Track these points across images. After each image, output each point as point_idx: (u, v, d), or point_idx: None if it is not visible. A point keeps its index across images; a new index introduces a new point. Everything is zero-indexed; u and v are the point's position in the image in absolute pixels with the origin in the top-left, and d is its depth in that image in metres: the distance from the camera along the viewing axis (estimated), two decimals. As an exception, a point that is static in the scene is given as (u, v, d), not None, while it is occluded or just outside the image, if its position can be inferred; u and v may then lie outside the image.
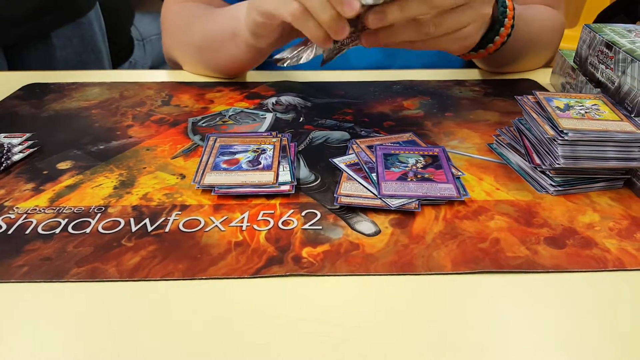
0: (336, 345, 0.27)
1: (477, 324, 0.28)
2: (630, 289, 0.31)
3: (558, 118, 0.40)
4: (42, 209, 0.38)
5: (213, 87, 0.62)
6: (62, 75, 0.68)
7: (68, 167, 0.44)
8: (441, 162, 0.43)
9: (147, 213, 0.37)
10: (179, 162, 0.45)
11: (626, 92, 0.44)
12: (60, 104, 0.58)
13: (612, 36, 0.48)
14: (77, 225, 0.36)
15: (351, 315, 0.29)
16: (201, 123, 0.53)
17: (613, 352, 0.27)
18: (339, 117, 0.54)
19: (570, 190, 0.40)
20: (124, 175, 0.43)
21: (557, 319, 0.29)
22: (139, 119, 0.54)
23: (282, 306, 0.30)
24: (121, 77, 0.66)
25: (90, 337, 0.27)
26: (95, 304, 0.30)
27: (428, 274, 0.32)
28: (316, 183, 0.41)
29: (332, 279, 0.31)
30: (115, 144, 0.48)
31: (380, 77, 0.65)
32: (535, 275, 0.32)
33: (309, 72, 0.68)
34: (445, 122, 0.53)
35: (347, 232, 0.35)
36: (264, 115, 0.54)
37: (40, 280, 0.31)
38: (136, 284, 0.31)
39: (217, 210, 0.38)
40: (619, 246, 0.34)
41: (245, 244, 0.34)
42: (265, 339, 0.27)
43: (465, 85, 0.63)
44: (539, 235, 0.35)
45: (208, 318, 0.29)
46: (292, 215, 0.37)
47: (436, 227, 0.36)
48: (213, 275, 0.31)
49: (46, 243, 0.34)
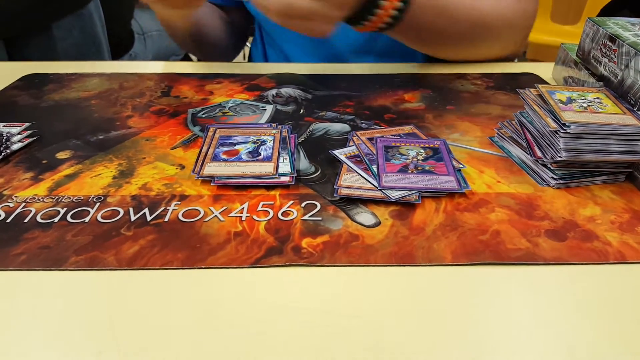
0: (335, 335, 0.27)
1: (477, 315, 0.28)
2: (631, 282, 0.31)
3: (560, 111, 0.40)
4: (41, 197, 0.38)
5: (213, 79, 0.62)
6: (61, 66, 0.67)
7: (67, 156, 0.44)
8: (442, 154, 0.43)
9: (146, 203, 0.37)
10: (179, 153, 0.45)
11: (629, 85, 0.43)
12: (59, 94, 0.57)
13: (616, 29, 0.48)
14: (76, 214, 0.36)
15: (350, 306, 0.29)
16: (201, 114, 0.52)
17: (614, 345, 0.27)
18: (340, 110, 0.53)
19: (572, 184, 0.40)
20: (123, 165, 0.43)
21: (557, 311, 0.29)
22: (139, 110, 0.53)
23: (282, 296, 0.29)
24: (121, 68, 0.66)
25: (89, 326, 0.27)
26: (93, 292, 0.30)
27: (428, 265, 0.32)
28: (316, 174, 0.41)
29: (331, 270, 0.31)
30: (114, 134, 0.48)
31: (382, 70, 0.65)
32: (535, 268, 0.32)
33: (310, 65, 0.67)
34: (447, 115, 0.52)
35: (347, 223, 0.35)
36: (264, 107, 0.54)
37: (39, 268, 0.31)
38: (135, 273, 0.31)
39: (217, 201, 0.37)
40: (620, 239, 0.34)
41: (245, 234, 0.34)
42: (264, 329, 0.27)
43: (467, 78, 0.62)
44: (539, 228, 0.35)
45: (207, 307, 0.29)
46: (292, 206, 0.37)
47: (436, 219, 0.36)
48: (212, 265, 0.31)
49: (45, 232, 0.34)
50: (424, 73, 0.64)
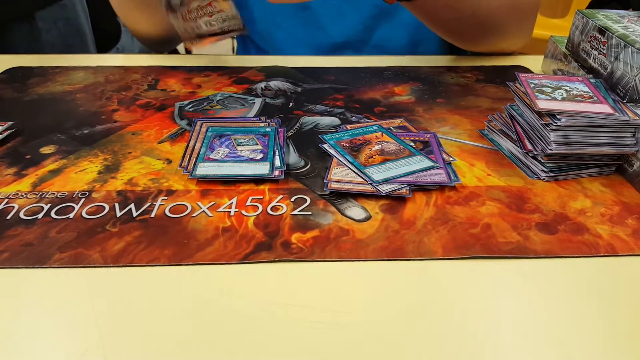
0: (326, 332, 0.26)
1: (468, 309, 0.28)
2: (622, 274, 0.31)
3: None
4: (24, 193, 0.37)
5: (201, 72, 0.61)
6: (46, 59, 0.66)
7: (51, 151, 0.43)
8: (432, 147, 0.42)
9: (132, 198, 0.37)
10: (166, 147, 0.44)
11: (619, 77, 0.43)
12: (43, 87, 0.56)
13: (605, 22, 0.48)
14: (60, 210, 0.35)
15: (341, 302, 0.28)
16: (188, 108, 0.51)
17: (605, 337, 0.27)
18: (329, 103, 0.53)
19: (562, 176, 0.40)
20: (109, 160, 0.42)
21: (548, 304, 0.29)
22: (125, 103, 0.52)
23: (271, 292, 0.29)
24: (107, 61, 0.65)
25: (73, 324, 0.27)
26: (78, 290, 0.29)
27: (419, 259, 0.31)
28: (306, 169, 0.41)
29: (321, 265, 0.31)
30: (100, 129, 0.47)
31: (371, 63, 0.64)
32: (526, 261, 0.32)
33: (299, 58, 0.67)
34: (437, 108, 0.52)
35: (337, 217, 0.35)
36: (252, 100, 0.53)
37: (22, 266, 0.30)
38: (121, 270, 0.30)
39: (205, 196, 0.37)
40: (611, 232, 0.34)
41: (234, 229, 0.33)
42: (253, 326, 0.27)
43: (456, 71, 0.62)
44: (530, 221, 0.35)
45: (195, 305, 0.28)
46: (282, 201, 0.36)
47: (427, 213, 0.35)
48: (200, 261, 0.31)
49: (28, 228, 0.33)
50: (414, 66, 0.64)
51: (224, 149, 0.42)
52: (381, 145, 0.42)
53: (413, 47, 0.72)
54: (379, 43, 0.71)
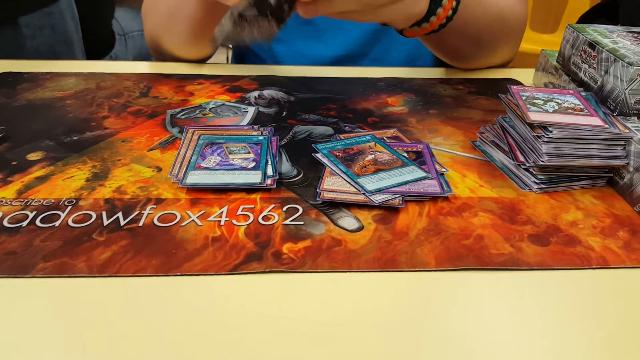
0: (317, 344, 0.26)
1: (460, 321, 0.28)
2: (614, 286, 0.31)
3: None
4: (8, 201, 0.36)
5: (194, 80, 0.61)
6: (36, 64, 0.65)
7: (39, 158, 0.42)
8: (425, 158, 0.42)
9: (120, 206, 0.36)
10: (156, 155, 0.43)
11: (609, 90, 0.44)
12: (33, 93, 0.55)
13: (595, 36, 0.48)
14: (46, 218, 0.34)
15: (333, 313, 0.28)
16: (180, 115, 0.51)
17: (597, 349, 0.26)
18: (323, 112, 0.53)
19: (554, 188, 0.40)
20: (98, 167, 0.41)
21: (540, 316, 0.28)
22: (116, 110, 0.52)
23: (261, 304, 0.28)
24: (98, 67, 0.64)
25: (57, 336, 0.26)
26: (62, 301, 0.28)
27: (411, 270, 0.31)
28: (298, 178, 0.40)
29: (313, 276, 0.30)
30: (89, 135, 0.46)
31: (365, 74, 0.65)
32: (519, 273, 0.31)
33: (293, 67, 0.67)
34: (430, 119, 0.52)
35: (330, 227, 0.34)
36: (245, 109, 0.53)
37: (4, 275, 0.30)
38: (106, 280, 0.30)
39: (195, 205, 0.36)
40: (603, 244, 0.34)
41: (223, 239, 0.33)
42: (242, 338, 0.26)
43: (449, 83, 0.62)
44: (522, 233, 0.35)
45: (183, 316, 0.27)
46: (273, 210, 0.36)
47: (420, 224, 0.35)
48: (188, 272, 0.30)
49: (11, 237, 0.33)
50: (408, 77, 0.64)
51: (215, 157, 0.41)
52: (374, 155, 0.42)
53: (410, 61, 0.73)
54: (377, 57, 0.72)
